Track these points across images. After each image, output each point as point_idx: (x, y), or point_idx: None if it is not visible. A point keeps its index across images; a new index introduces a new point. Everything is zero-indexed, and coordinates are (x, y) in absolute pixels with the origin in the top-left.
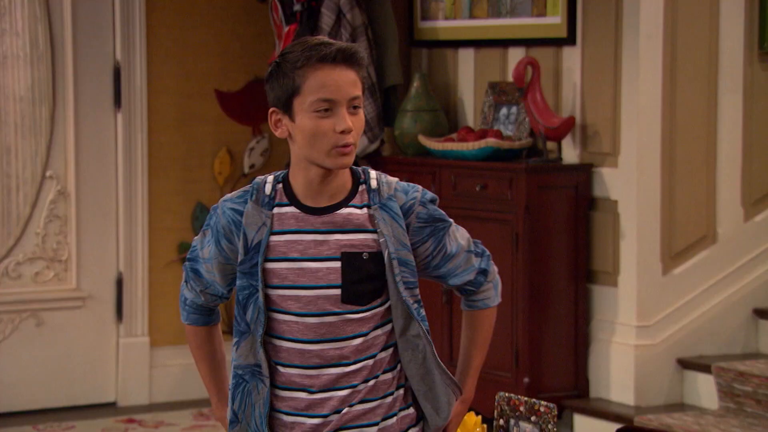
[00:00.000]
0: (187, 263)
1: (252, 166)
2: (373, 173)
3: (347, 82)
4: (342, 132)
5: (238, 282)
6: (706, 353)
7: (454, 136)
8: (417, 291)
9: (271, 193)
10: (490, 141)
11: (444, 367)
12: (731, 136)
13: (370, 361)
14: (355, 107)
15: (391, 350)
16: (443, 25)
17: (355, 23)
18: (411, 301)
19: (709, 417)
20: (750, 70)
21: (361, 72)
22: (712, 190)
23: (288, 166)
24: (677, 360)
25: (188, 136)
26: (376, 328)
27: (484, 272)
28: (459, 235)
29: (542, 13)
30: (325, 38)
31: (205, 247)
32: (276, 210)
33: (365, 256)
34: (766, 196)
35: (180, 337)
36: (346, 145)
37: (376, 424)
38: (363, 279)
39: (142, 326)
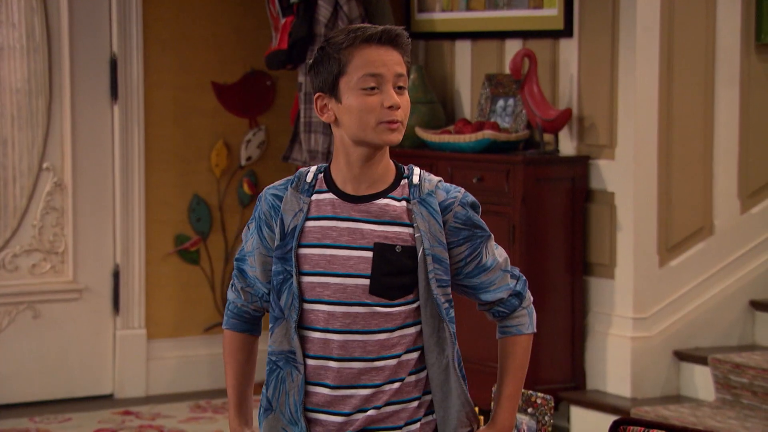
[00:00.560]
0: (234, 263)
1: (249, 159)
2: (417, 170)
3: (392, 60)
4: (390, 107)
5: (273, 267)
6: (702, 345)
7: (451, 128)
8: (449, 290)
9: (312, 181)
10: (487, 133)
11: (462, 380)
12: (728, 128)
13: (394, 361)
14: (400, 87)
15: (417, 353)
16: (440, 17)
17: (352, 15)
18: (442, 300)
19: (706, 409)
20: (747, 62)
21: (406, 56)
22: (709, 182)
23: (286, 160)
24: (674, 352)
25: (185, 129)
26: (403, 326)
27: (518, 295)
28: (497, 252)
29: (539, 5)
30: (369, 24)
31: (249, 240)
32: (314, 197)
33: (398, 249)
34: (763, 188)
35: (177, 329)
36: (393, 121)
37: (400, 428)
38: (394, 272)
39: (139, 318)
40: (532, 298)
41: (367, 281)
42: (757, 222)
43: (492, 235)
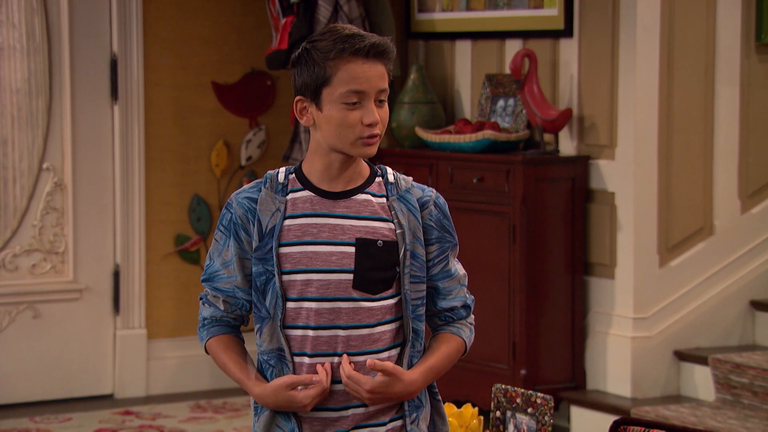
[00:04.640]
0: (203, 285)
1: (249, 158)
2: (389, 169)
3: (377, 75)
4: (369, 125)
5: (254, 269)
6: (702, 345)
7: (451, 128)
8: (423, 287)
9: (284, 181)
10: (487, 133)
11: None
12: (728, 128)
13: (376, 356)
14: (381, 100)
15: (398, 349)
16: (440, 17)
17: (352, 15)
18: (413, 296)
19: (706, 409)
20: (747, 62)
21: (390, 66)
22: (709, 182)
23: (286, 159)
24: (674, 352)
25: (185, 129)
26: (383, 322)
27: (467, 308)
28: (458, 266)
29: (539, 5)
30: (355, 28)
31: (224, 251)
32: (290, 196)
33: (380, 243)
34: (763, 188)
35: (177, 329)
36: (372, 136)
37: (384, 424)
38: (375, 267)
39: (139, 318)
40: (474, 322)
41: (350, 276)
42: (757, 222)
43: (458, 246)
